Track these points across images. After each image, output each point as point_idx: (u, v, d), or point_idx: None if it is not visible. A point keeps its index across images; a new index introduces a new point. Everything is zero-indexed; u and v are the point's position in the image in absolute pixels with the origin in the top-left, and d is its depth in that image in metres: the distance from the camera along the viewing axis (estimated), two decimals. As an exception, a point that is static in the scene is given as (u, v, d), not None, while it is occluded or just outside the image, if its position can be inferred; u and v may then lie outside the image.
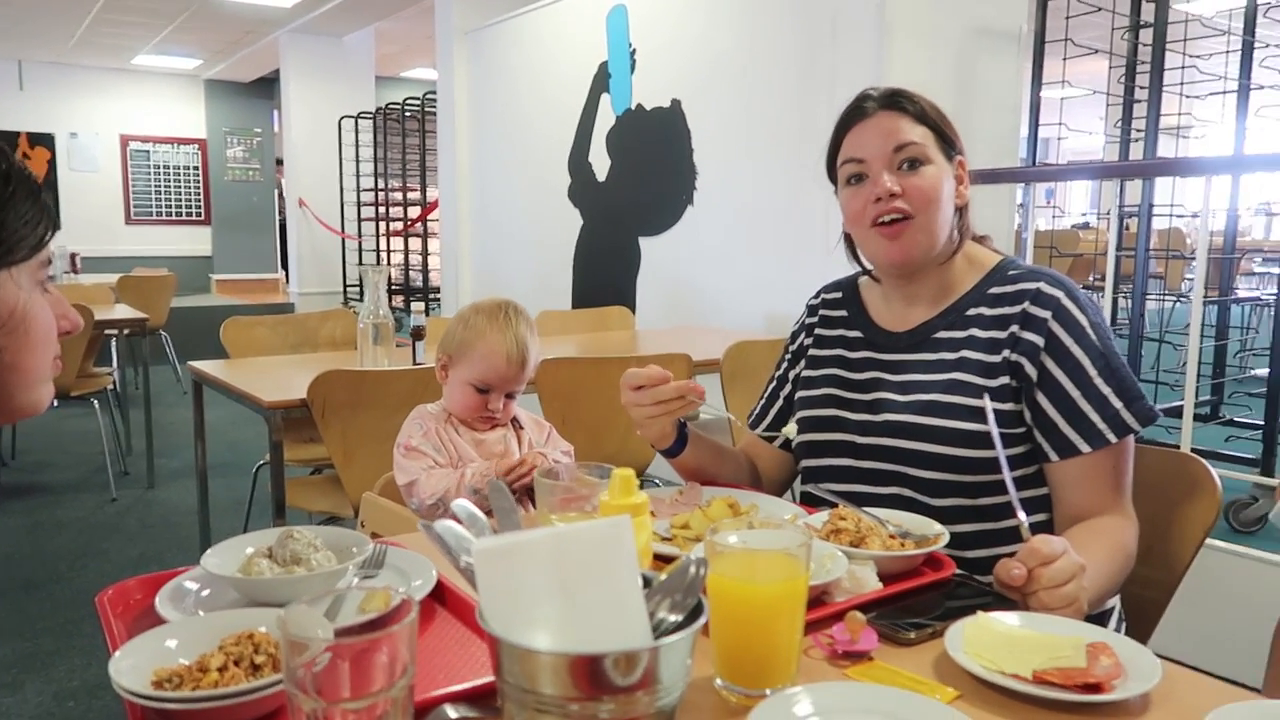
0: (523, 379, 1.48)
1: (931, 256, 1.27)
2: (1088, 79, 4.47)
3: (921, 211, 1.23)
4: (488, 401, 1.46)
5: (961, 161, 1.30)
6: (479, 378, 1.45)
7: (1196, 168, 2.48)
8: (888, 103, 1.26)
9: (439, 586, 0.97)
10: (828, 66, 3.57)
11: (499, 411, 1.47)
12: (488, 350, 1.45)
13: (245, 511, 3.19)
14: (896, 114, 1.25)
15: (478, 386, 1.45)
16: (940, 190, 1.24)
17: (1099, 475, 1.19)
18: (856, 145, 1.26)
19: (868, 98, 1.28)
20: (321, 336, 3.29)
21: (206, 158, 11.88)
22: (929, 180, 1.23)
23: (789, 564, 0.78)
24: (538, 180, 5.42)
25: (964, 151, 1.30)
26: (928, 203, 1.23)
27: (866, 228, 1.26)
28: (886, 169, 1.24)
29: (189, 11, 8.35)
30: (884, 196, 1.23)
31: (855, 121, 1.28)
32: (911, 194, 1.23)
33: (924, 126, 1.25)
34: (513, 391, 1.49)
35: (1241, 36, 3.53)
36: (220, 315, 3.31)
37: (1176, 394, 3.42)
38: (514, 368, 1.46)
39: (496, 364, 1.45)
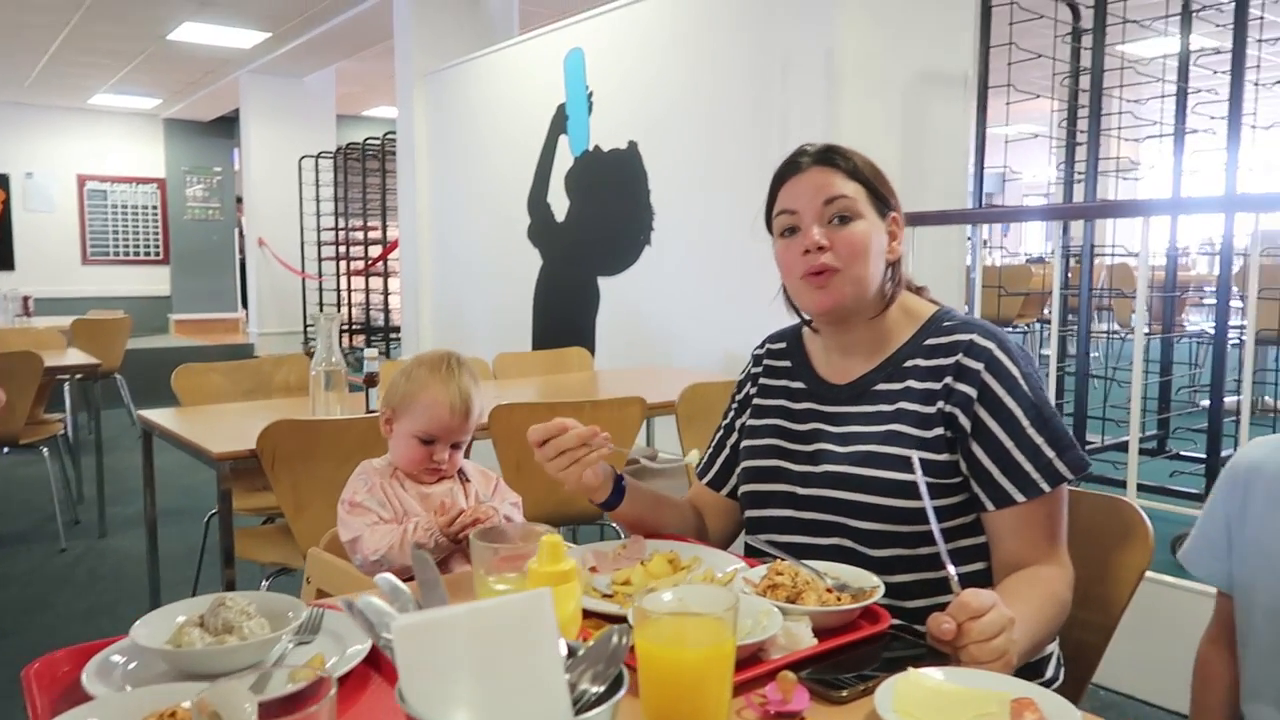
0: (467, 429, 1.49)
1: (860, 307, 1.29)
2: (1041, 118, 4.58)
3: (849, 265, 1.26)
4: (433, 453, 1.46)
5: (895, 218, 1.32)
6: (423, 430, 1.45)
7: (1135, 210, 2.55)
8: (821, 158, 1.30)
9: (374, 652, 0.96)
10: (780, 110, 3.64)
11: (444, 463, 1.47)
12: (430, 401, 1.46)
13: (197, 561, 3.14)
14: (829, 170, 1.28)
15: (422, 439, 1.45)
16: (868, 244, 1.27)
17: (1034, 524, 1.22)
18: (790, 198, 1.30)
19: (803, 153, 1.32)
20: (276, 383, 3.26)
21: (165, 197, 11.80)
22: (857, 235, 1.26)
23: (716, 628, 0.79)
24: (497, 220, 5.44)
25: (899, 208, 1.33)
26: (855, 256, 1.26)
27: (797, 278, 1.29)
28: (817, 222, 1.27)
29: (147, 52, 8.33)
30: (812, 249, 1.25)
31: (790, 175, 1.31)
32: (840, 247, 1.25)
33: (856, 183, 1.28)
34: (458, 442, 1.49)
35: (1176, 83, 3.65)
36: (178, 357, 3.28)
37: (1124, 429, 3.49)
38: (457, 418, 1.46)
39: (440, 415, 1.45)
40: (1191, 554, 1.22)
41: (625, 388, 3.20)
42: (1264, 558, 1.12)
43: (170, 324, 11.75)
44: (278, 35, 7.89)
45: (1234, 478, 1.18)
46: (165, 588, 3.07)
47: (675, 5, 4.15)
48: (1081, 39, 3.90)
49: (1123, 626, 1.35)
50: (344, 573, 1.42)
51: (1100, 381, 3.97)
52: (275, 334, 9.99)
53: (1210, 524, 1.20)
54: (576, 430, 1.24)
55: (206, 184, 12.01)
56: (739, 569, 1.18)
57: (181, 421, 2.61)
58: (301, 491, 2.23)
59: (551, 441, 1.24)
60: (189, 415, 2.76)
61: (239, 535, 2.49)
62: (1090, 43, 3.49)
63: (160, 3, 6.94)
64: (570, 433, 1.24)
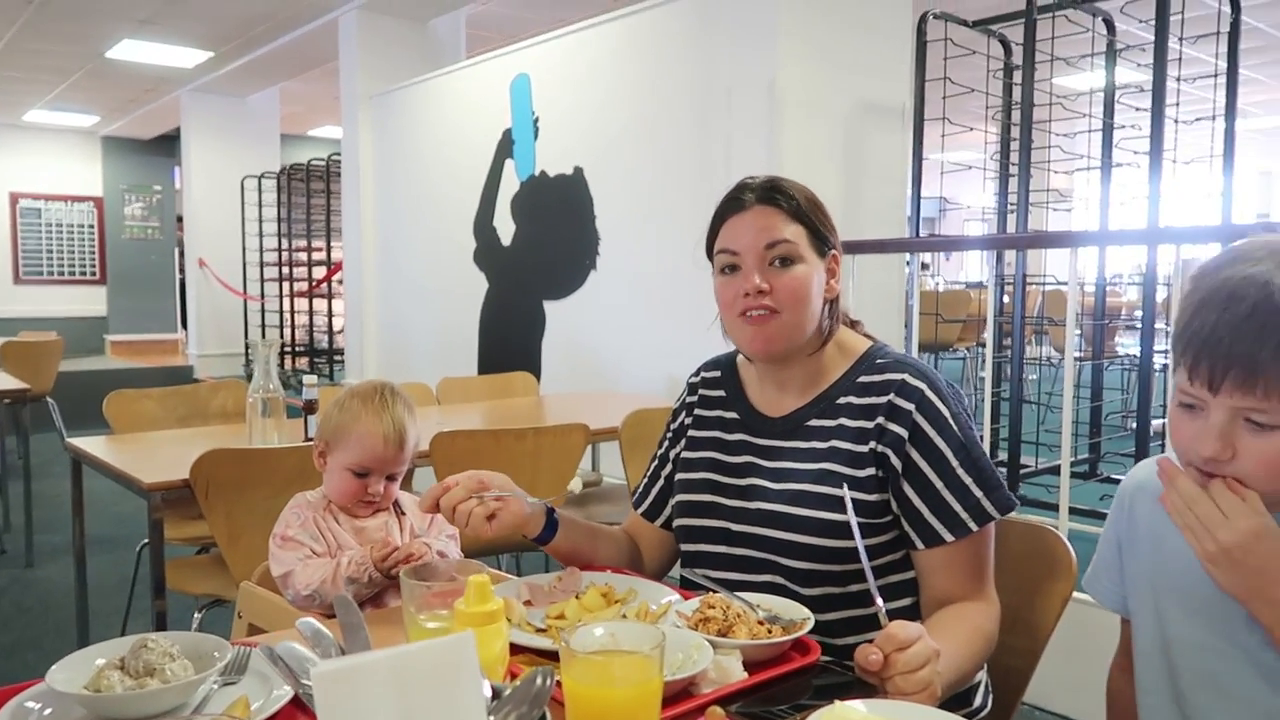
0: (402, 460, 1.47)
1: (796, 348, 1.30)
2: (978, 146, 4.71)
3: (788, 309, 1.26)
4: (367, 486, 1.44)
5: (835, 255, 1.33)
6: (356, 461, 1.44)
7: (1063, 240, 2.63)
8: (764, 197, 1.29)
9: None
10: (723, 138, 3.69)
11: (379, 495, 1.46)
12: (364, 433, 1.44)
13: (129, 592, 3.06)
14: (771, 209, 1.28)
15: (356, 471, 1.44)
16: (809, 288, 1.27)
17: (962, 562, 1.24)
18: (731, 237, 1.30)
19: (746, 189, 1.31)
20: (213, 409, 3.20)
21: (103, 215, 11.54)
22: (798, 279, 1.27)
23: (643, 666, 0.79)
24: (443, 243, 5.42)
25: (838, 245, 1.34)
26: (795, 300, 1.26)
27: (735, 317, 1.30)
28: (757, 264, 1.27)
29: (85, 69, 8.17)
30: (752, 293, 1.26)
31: (732, 213, 1.31)
32: (780, 292, 1.26)
33: (798, 224, 1.28)
34: (393, 474, 1.48)
35: (1102, 118, 3.79)
36: (113, 379, 3.21)
37: (1057, 453, 3.57)
38: (391, 449, 1.45)
39: (374, 446, 1.44)
40: (1091, 579, 1.22)
41: (569, 413, 3.20)
42: (1145, 577, 1.12)
43: (106, 345, 11.46)
44: (220, 55, 7.80)
45: (1121, 499, 1.17)
46: (95, 619, 2.98)
47: (621, 34, 4.19)
48: (1013, 74, 4.02)
49: (1053, 647, 1.39)
50: (277, 607, 1.40)
51: (1034, 406, 4.07)
52: (216, 356, 9.79)
53: (1105, 548, 1.19)
54: (461, 485, 1.23)
55: (146, 203, 11.78)
56: (672, 601, 1.19)
57: (112, 450, 2.55)
58: (236, 521, 2.19)
59: (440, 502, 1.23)
60: (120, 443, 2.70)
61: (171, 566, 2.43)
62: (1021, 78, 3.60)
63: (99, 20, 6.82)
64: (454, 489, 1.23)
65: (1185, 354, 0.94)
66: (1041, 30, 3.68)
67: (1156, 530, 1.09)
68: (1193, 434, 0.95)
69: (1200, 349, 0.92)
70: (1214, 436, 0.93)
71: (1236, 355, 0.90)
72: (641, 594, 1.24)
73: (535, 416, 3.34)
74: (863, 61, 3.68)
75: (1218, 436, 0.92)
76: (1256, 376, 0.89)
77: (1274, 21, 7.03)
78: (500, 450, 2.53)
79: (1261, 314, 0.89)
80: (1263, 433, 0.91)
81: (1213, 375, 0.91)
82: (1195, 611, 1.04)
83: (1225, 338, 0.90)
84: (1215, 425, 0.93)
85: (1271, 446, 0.91)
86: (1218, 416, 0.93)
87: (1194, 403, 0.95)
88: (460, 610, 0.85)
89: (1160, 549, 1.08)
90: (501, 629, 0.87)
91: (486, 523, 1.22)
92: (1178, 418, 0.98)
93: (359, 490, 1.44)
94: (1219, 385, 0.91)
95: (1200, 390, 0.93)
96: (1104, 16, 3.98)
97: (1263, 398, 0.90)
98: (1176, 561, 1.03)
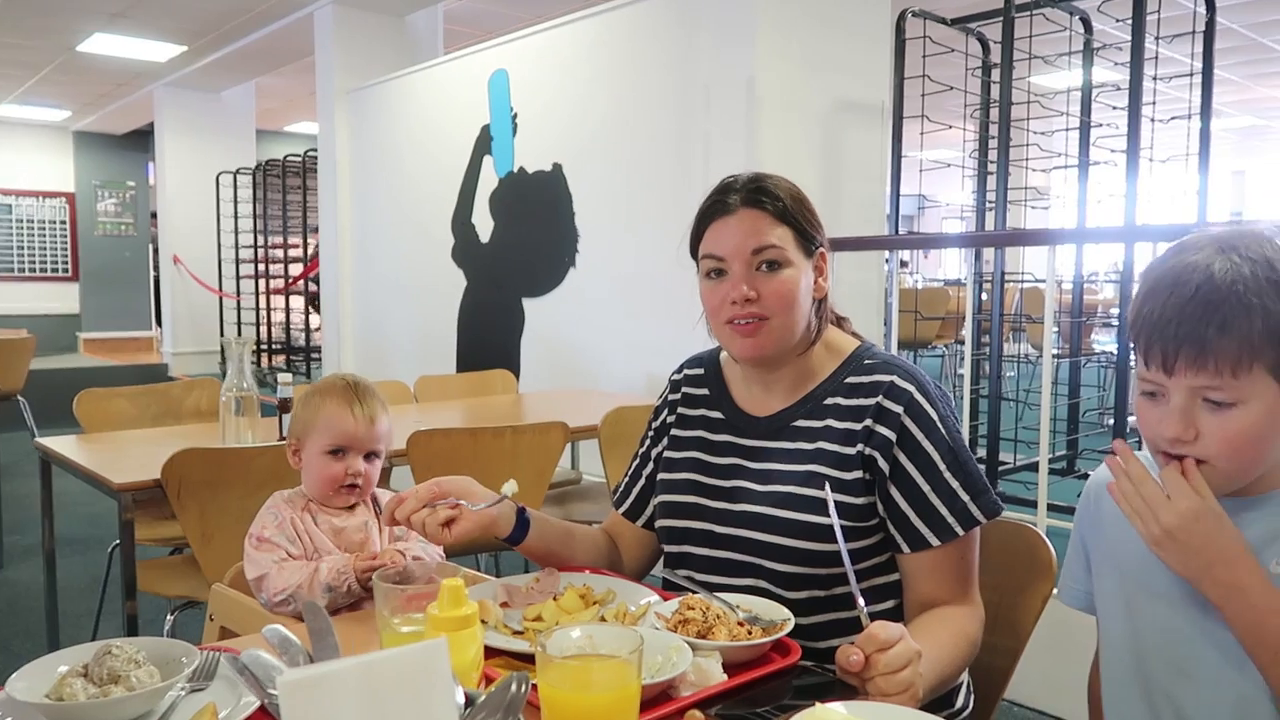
0: (375, 437, 1.44)
1: (786, 350, 1.28)
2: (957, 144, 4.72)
3: (777, 314, 1.24)
4: (347, 466, 1.41)
5: (822, 253, 1.31)
6: (331, 442, 1.42)
7: (1041, 239, 2.64)
8: (749, 199, 1.25)
9: (272, 699, 0.93)
10: (702, 134, 3.68)
11: (359, 474, 1.42)
12: (332, 413, 1.43)
13: (100, 593, 3.01)
14: (757, 213, 1.25)
15: (331, 451, 1.42)
16: (797, 291, 1.25)
17: (947, 566, 1.23)
18: (717, 242, 1.26)
19: (730, 190, 1.27)
20: (186, 407, 3.16)
21: (75, 211, 11.39)
22: (786, 284, 1.24)
23: (621, 671, 0.78)
24: (421, 240, 5.38)
25: (825, 242, 1.31)
26: (784, 305, 1.24)
27: (722, 324, 1.27)
28: (745, 270, 1.24)
29: (56, 63, 8.06)
30: (740, 301, 1.23)
31: (717, 216, 1.27)
32: (768, 297, 1.23)
33: (784, 225, 1.25)
34: (372, 453, 1.45)
35: (1080, 117, 3.81)
36: (86, 377, 3.16)
37: (1035, 450, 3.59)
38: (362, 424, 1.43)
39: (344, 423, 1.42)
40: (1062, 582, 1.21)
41: (548, 411, 3.18)
42: (1111, 575, 1.12)
43: (79, 343, 11.32)
44: (194, 49, 7.70)
45: (1088, 495, 1.17)
46: (66, 621, 2.93)
47: (599, 30, 4.17)
48: (991, 72, 4.04)
49: (1034, 644, 1.38)
50: (249, 610, 1.38)
51: (1013, 403, 4.09)
52: (191, 354, 9.69)
53: (1071, 548, 1.20)
54: (414, 496, 1.21)
55: (119, 198, 11.64)
56: (651, 602, 1.18)
57: (83, 449, 2.50)
58: (209, 521, 2.16)
59: (395, 513, 1.21)
60: (91, 443, 2.66)
61: (143, 567, 2.40)
62: (999, 76, 3.61)
63: (70, 13, 6.72)
64: (407, 501, 1.21)
65: (1139, 341, 0.98)
66: (1020, 29, 3.69)
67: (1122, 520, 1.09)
68: (1157, 419, 0.98)
69: (1151, 334, 0.95)
70: (1176, 418, 0.95)
71: (1185, 335, 0.93)
72: (620, 595, 1.22)
73: (514, 415, 3.32)
74: (841, 59, 3.67)
75: (1179, 418, 0.95)
76: (1207, 355, 0.92)
77: (1248, 22, 7.10)
78: (479, 449, 2.51)
79: (1204, 294, 0.92)
80: (1220, 411, 0.94)
81: (1165, 357, 0.94)
82: (1159, 597, 1.05)
83: (1173, 320, 0.93)
84: (1176, 407, 0.96)
85: (1231, 423, 0.94)
86: (1177, 398, 0.95)
87: (1154, 389, 0.98)
88: (433, 615, 0.83)
89: (1125, 539, 1.08)
90: (476, 634, 0.85)
91: (443, 530, 1.20)
92: (1143, 406, 1.01)
93: (339, 473, 1.41)
94: (1173, 366, 0.94)
95: (1157, 375, 0.96)
96: (1081, 15, 4.00)
97: (1215, 374, 0.92)
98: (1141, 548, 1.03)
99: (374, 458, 1.45)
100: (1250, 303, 0.91)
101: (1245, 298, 0.92)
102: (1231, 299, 0.92)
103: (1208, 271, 0.93)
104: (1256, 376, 0.92)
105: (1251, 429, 0.94)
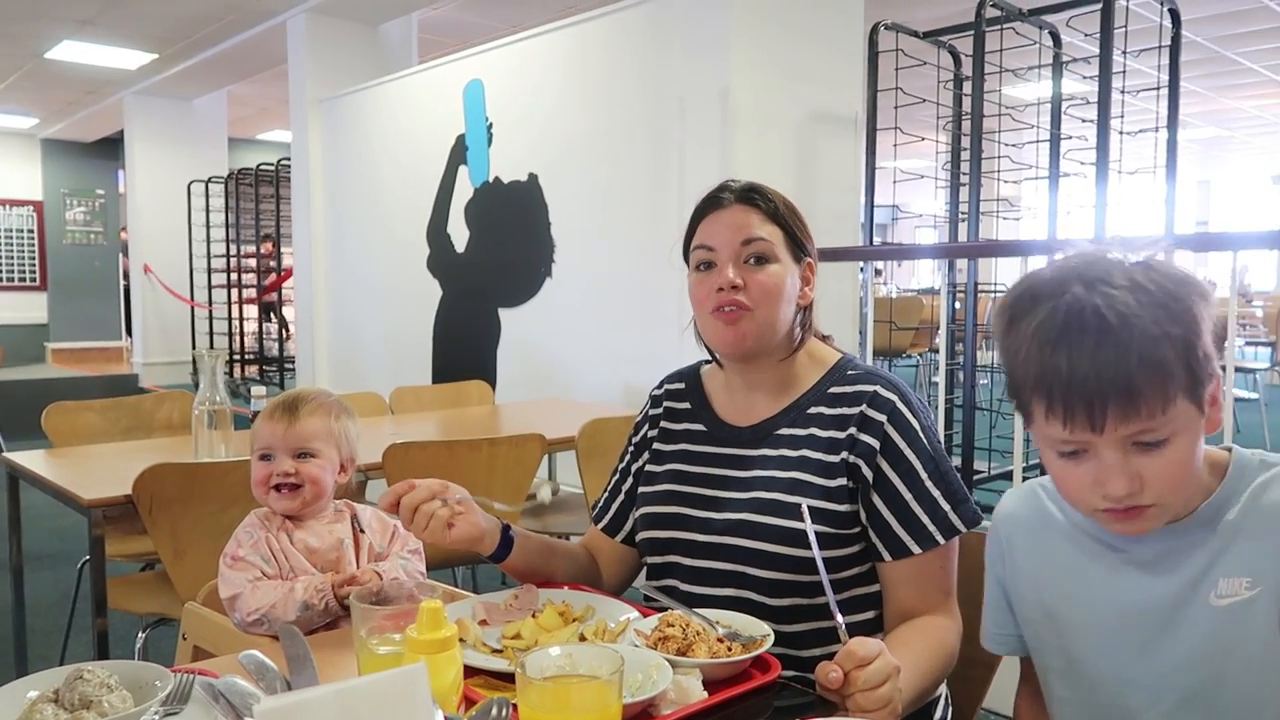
0: (298, 434, 1.41)
1: (768, 348, 1.30)
2: (930, 154, 4.77)
3: (760, 306, 1.26)
4: (273, 468, 1.40)
5: (810, 264, 1.34)
6: (257, 447, 1.43)
7: (1014, 250, 2.67)
8: (743, 197, 1.30)
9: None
10: (676, 145, 3.69)
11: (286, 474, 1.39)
12: (260, 422, 1.45)
13: (69, 610, 2.96)
14: (750, 209, 1.29)
15: (260, 455, 1.42)
16: (781, 287, 1.28)
17: (927, 575, 1.24)
18: (708, 234, 1.30)
19: (726, 189, 1.32)
20: (158, 420, 3.12)
21: (43, 220, 11.25)
22: (772, 277, 1.27)
23: (602, 692, 0.78)
24: (396, 250, 5.36)
25: (814, 254, 1.35)
26: (768, 298, 1.26)
27: (708, 314, 1.29)
28: (733, 261, 1.27)
29: (23, 70, 7.96)
30: (726, 287, 1.26)
31: (711, 211, 1.31)
32: (753, 288, 1.26)
33: (775, 225, 1.29)
34: (304, 452, 1.42)
35: (1050, 129, 3.86)
36: (55, 388, 3.11)
37: (1009, 459, 3.62)
38: (280, 423, 1.42)
39: (265, 426, 1.43)
40: (988, 631, 1.16)
41: (525, 423, 3.17)
42: (1040, 613, 1.07)
43: (47, 353, 11.16)
44: (165, 57, 7.63)
45: (995, 537, 1.12)
46: (34, 638, 2.89)
47: (574, 41, 4.18)
48: (963, 85, 4.08)
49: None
50: (223, 630, 1.36)
51: (987, 413, 4.12)
52: (162, 364, 9.58)
53: (991, 593, 1.14)
54: (425, 485, 1.21)
55: (88, 207, 11.50)
56: (631, 619, 1.17)
57: (51, 464, 2.47)
58: (181, 537, 2.13)
59: (402, 501, 1.20)
60: (60, 457, 2.62)
61: (114, 584, 2.36)
62: (970, 89, 3.65)
63: (37, 20, 6.64)
64: (418, 489, 1.21)
65: (1051, 402, 0.88)
66: (990, 42, 3.74)
67: (1041, 557, 1.07)
68: (1090, 480, 0.91)
69: (1067, 393, 0.86)
70: (1118, 475, 0.88)
71: (1110, 386, 0.85)
72: (599, 611, 1.22)
73: (490, 426, 3.30)
74: (815, 71, 3.70)
75: (1121, 473, 0.88)
76: (1137, 400, 0.85)
77: (1212, 35, 7.23)
78: (455, 461, 2.49)
79: (1109, 338, 0.85)
80: (1154, 451, 0.88)
81: (1092, 414, 0.86)
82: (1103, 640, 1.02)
83: (1089, 374, 0.85)
84: (1113, 464, 0.88)
85: (1169, 460, 0.89)
86: (1110, 453, 0.88)
87: (1076, 448, 0.90)
88: (411, 638, 0.83)
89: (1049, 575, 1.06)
90: (455, 656, 0.85)
91: (447, 529, 1.20)
92: (1063, 470, 0.93)
93: (266, 474, 1.40)
94: (1102, 423, 0.86)
95: (1081, 434, 0.88)
96: (1050, 29, 4.05)
97: (1147, 418, 0.86)
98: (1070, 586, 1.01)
99: (306, 457, 1.42)
100: (1154, 333, 0.85)
101: (1148, 329, 0.85)
102: (1137, 334, 0.84)
103: (1096, 311, 0.85)
104: (1179, 406, 0.87)
105: (1186, 458, 0.90)
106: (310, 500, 1.42)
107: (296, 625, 1.17)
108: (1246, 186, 15.99)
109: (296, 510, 1.41)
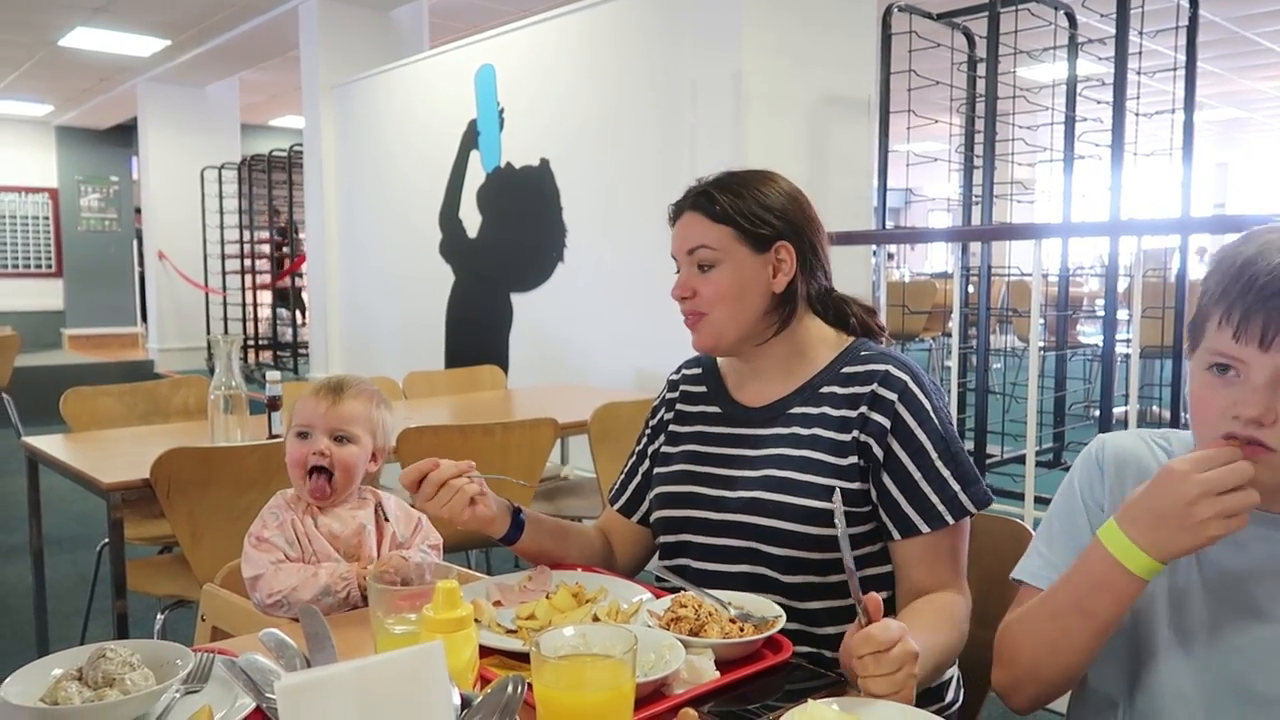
0: (340, 416, 1.42)
1: (738, 343, 1.34)
2: (943, 137, 4.74)
3: (714, 309, 1.31)
4: (310, 447, 1.41)
5: (782, 247, 1.32)
6: (296, 424, 1.43)
7: (1028, 233, 2.66)
8: (693, 203, 1.34)
9: (267, 700, 0.93)
10: (689, 131, 3.68)
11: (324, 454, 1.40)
12: (302, 400, 1.45)
13: (89, 593, 3.00)
14: (696, 216, 1.33)
15: (299, 433, 1.42)
16: (728, 289, 1.30)
17: (937, 554, 1.25)
18: (672, 245, 1.37)
19: (685, 194, 1.36)
20: (174, 405, 3.14)
21: (58, 207, 11.31)
22: (714, 283, 1.31)
23: (616, 670, 0.79)
24: (408, 235, 5.37)
25: (792, 236, 1.33)
26: (718, 301, 1.31)
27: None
28: (688, 269, 1.33)
29: (37, 58, 7.99)
30: (676, 298, 1.34)
31: (673, 220, 1.37)
32: (701, 294, 1.32)
33: (724, 224, 1.30)
34: (342, 435, 1.43)
35: (1065, 112, 3.83)
36: (72, 374, 3.14)
37: (1022, 442, 3.61)
38: (323, 401, 1.42)
39: (307, 404, 1.43)
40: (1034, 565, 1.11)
41: (538, 408, 3.18)
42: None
43: (64, 339, 11.25)
44: (177, 43, 7.65)
45: (1102, 465, 1.08)
46: (54, 620, 2.92)
47: (585, 25, 4.17)
48: (977, 67, 4.05)
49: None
50: (241, 610, 1.38)
51: (999, 396, 4.11)
52: (177, 350, 9.65)
53: (1062, 524, 1.10)
54: (451, 463, 1.23)
55: (102, 194, 11.56)
56: (644, 600, 1.18)
57: (70, 449, 2.49)
58: (199, 521, 2.15)
59: (427, 478, 1.22)
60: (79, 441, 2.64)
61: (132, 566, 2.39)
62: (985, 70, 3.63)
63: (51, 7, 6.66)
64: (443, 467, 1.23)
65: (1232, 310, 0.90)
66: (1005, 23, 3.71)
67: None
68: (1230, 399, 0.91)
69: (1253, 303, 0.88)
70: (1262, 397, 0.88)
71: None
72: (612, 592, 1.23)
73: (503, 411, 3.32)
74: (828, 55, 3.68)
75: (1265, 397, 0.88)
76: None
77: (1230, 15, 7.14)
78: (468, 446, 2.51)
79: None
80: None
81: (1266, 329, 0.87)
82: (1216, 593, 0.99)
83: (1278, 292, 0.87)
84: (1260, 385, 0.89)
85: None
86: (1261, 376, 0.89)
87: (1230, 363, 0.91)
88: (428, 617, 0.84)
89: None
90: (471, 635, 0.86)
91: (470, 506, 1.22)
92: (1208, 384, 0.93)
93: (303, 454, 1.40)
94: (1271, 340, 0.87)
95: (1246, 349, 0.89)
96: (1066, 10, 4.02)
97: None
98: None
99: (344, 441, 1.42)
100: None
101: None
102: None
103: None
104: None
105: None
106: (340, 489, 1.43)
107: (314, 607, 1.19)
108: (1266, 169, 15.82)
109: (327, 501, 1.42)
